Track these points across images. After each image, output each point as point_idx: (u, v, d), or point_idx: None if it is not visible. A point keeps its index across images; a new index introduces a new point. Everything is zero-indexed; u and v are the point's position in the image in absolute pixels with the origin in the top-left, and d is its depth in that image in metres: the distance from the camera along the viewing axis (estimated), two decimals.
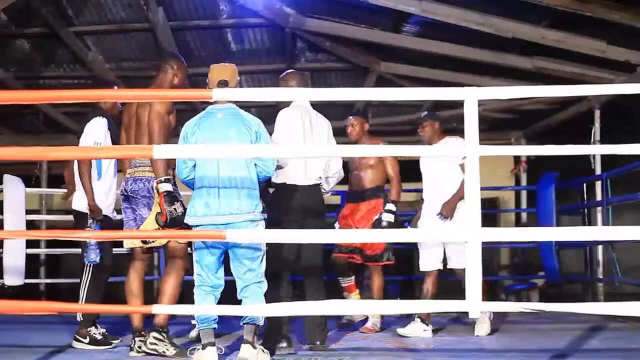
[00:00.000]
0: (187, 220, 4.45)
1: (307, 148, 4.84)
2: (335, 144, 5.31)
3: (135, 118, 4.93)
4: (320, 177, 5.13)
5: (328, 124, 5.27)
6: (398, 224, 6.14)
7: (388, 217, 5.99)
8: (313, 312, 4.40)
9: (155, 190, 4.71)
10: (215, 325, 4.40)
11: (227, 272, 4.52)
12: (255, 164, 4.48)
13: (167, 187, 4.61)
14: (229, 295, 4.54)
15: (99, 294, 5.28)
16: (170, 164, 4.73)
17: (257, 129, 4.50)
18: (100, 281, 5.29)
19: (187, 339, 5.57)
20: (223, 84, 4.48)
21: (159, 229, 4.65)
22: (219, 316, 4.39)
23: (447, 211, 5.80)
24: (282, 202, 4.93)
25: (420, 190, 10.74)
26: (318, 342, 5.01)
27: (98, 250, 5.24)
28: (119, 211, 5.46)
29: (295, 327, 5.34)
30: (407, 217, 11.24)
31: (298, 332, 5.32)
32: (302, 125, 5.07)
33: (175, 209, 4.53)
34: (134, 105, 5.00)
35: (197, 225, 4.40)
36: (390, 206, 6.04)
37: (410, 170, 10.86)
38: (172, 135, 4.90)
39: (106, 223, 5.32)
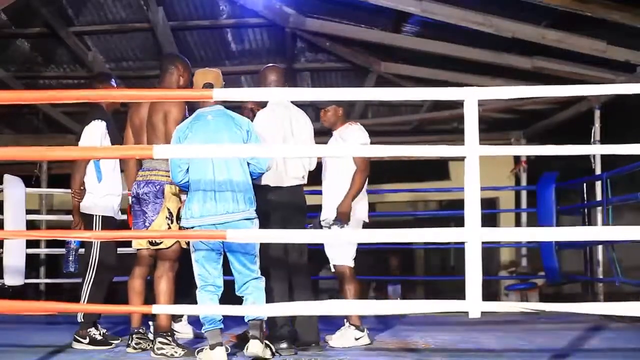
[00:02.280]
0: (185, 222, 4.50)
1: (299, 148, 4.83)
2: (313, 137, 5.22)
3: (149, 122, 4.92)
4: (303, 177, 5.12)
5: (307, 118, 5.24)
6: None
7: None
8: (312, 312, 4.40)
9: (165, 194, 4.76)
10: (222, 325, 4.46)
11: (226, 272, 4.55)
12: (248, 163, 4.56)
13: None
14: (227, 294, 4.56)
15: (102, 294, 5.27)
16: None
17: (248, 127, 4.61)
18: (104, 281, 5.29)
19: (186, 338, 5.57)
20: (208, 87, 4.53)
21: (169, 228, 4.77)
22: None
23: (344, 215, 5.25)
24: (265, 204, 4.88)
25: (418, 191, 10.96)
26: (312, 343, 4.99)
27: (71, 262, 5.48)
28: (123, 211, 5.48)
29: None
30: (403, 217, 11.31)
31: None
32: (281, 125, 5.03)
33: None
34: (143, 106, 5.01)
35: (193, 227, 4.45)
36: None
37: (406, 170, 10.88)
38: None
39: (110, 224, 5.32)
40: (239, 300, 4.53)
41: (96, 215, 5.29)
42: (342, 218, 5.25)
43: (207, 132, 4.50)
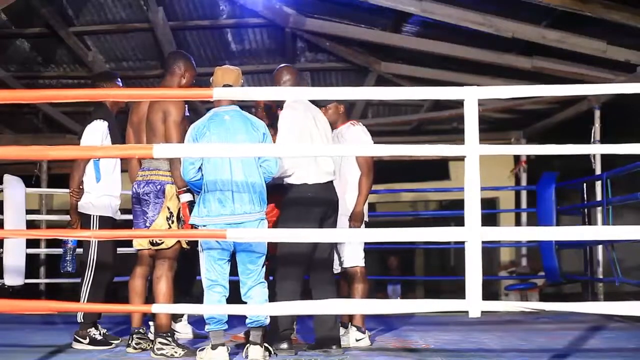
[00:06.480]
0: (199, 220, 4.47)
1: (298, 147, 4.79)
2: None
3: (147, 121, 4.91)
4: (334, 172, 5.05)
5: (325, 117, 5.20)
6: None
7: None
8: (312, 311, 4.38)
9: (165, 194, 4.77)
10: (226, 326, 4.47)
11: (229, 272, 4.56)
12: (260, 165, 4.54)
13: (190, 197, 4.70)
14: (229, 295, 4.57)
15: (101, 294, 5.25)
16: None
17: (264, 130, 4.60)
18: (103, 281, 5.27)
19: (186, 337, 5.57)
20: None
21: (169, 228, 4.77)
22: None
23: (358, 222, 5.27)
24: (301, 202, 4.82)
25: (418, 191, 10.97)
26: (334, 346, 4.83)
27: (69, 262, 5.44)
28: (124, 211, 5.47)
29: (299, 328, 5.34)
30: (403, 217, 11.31)
31: (302, 333, 5.33)
32: (305, 123, 4.96)
33: None
34: (143, 105, 5.00)
35: (206, 225, 4.44)
36: None
37: (406, 170, 10.88)
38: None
39: (108, 224, 5.32)
40: (239, 301, 4.52)
41: (93, 215, 5.27)
42: (356, 225, 5.25)
43: (225, 132, 4.48)
